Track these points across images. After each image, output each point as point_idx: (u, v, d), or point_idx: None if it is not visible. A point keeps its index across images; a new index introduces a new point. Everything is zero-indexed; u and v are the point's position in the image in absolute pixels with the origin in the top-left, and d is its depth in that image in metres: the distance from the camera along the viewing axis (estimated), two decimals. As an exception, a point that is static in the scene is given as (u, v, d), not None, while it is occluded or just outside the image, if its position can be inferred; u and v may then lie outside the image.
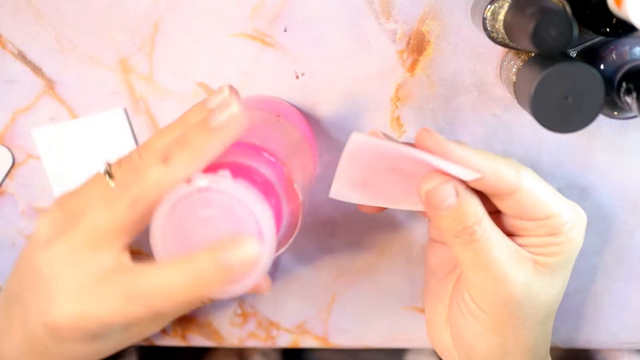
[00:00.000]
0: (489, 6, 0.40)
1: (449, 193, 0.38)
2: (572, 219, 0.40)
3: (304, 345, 0.54)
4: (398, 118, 0.48)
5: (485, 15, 0.40)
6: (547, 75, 0.36)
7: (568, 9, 0.38)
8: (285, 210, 0.37)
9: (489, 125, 0.48)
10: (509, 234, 0.40)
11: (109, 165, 0.36)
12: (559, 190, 0.49)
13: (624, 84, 0.38)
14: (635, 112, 0.37)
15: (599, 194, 0.49)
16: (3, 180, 0.52)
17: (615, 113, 0.41)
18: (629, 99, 0.37)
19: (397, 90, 0.47)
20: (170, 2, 0.46)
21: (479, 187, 0.39)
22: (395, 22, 0.46)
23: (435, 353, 0.59)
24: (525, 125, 0.47)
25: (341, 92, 0.48)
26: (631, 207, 0.49)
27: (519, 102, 0.40)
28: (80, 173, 0.51)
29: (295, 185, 0.38)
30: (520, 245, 0.40)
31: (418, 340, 0.54)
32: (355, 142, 0.37)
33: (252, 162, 0.37)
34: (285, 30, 0.47)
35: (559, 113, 0.37)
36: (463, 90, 0.47)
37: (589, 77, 0.36)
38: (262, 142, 0.38)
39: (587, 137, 0.48)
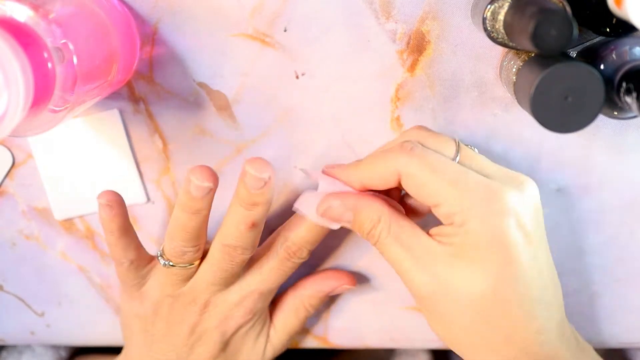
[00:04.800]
0: (489, 6, 0.40)
1: (339, 211, 0.42)
2: (463, 210, 0.38)
3: (304, 345, 0.55)
4: (398, 118, 0.48)
5: (485, 15, 0.40)
6: (547, 75, 0.36)
7: (568, 9, 0.38)
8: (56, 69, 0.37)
9: (489, 125, 0.48)
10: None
11: None
12: (559, 190, 0.49)
13: (624, 84, 0.37)
14: (635, 112, 0.37)
15: (599, 194, 0.49)
16: (3, 180, 0.52)
17: (615, 113, 0.41)
18: (629, 99, 0.37)
19: (397, 90, 0.47)
20: (170, 2, 0.46)
21: (373, 187, 0.41)
22: (395, 22, 0.46)
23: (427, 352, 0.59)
24: (525, 125, 0.47)
25: (341, 92, 0.48)
26: (631, 207, 0.49)
27: (519, 102, 0.40)
28: (74, 173, 0.51)
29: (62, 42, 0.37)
30: (433, 235, 0.40)
31: (418, 340, 0.54)
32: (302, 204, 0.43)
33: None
34: (285, 30, 0.47)
35: (559, 113, 0.37)
36: (463, 90, 0.47)
37: (589, 77, 0.36)
38: None
39: (587, 137, 0.48)
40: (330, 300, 0.53)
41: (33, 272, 0.54)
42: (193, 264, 0.46)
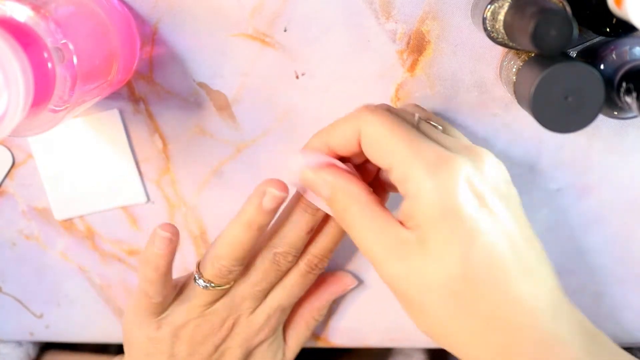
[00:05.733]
0: (489, 6, 0.40)
1: (317, 184, 0.41)
2: (415, 177, 0.36)
3: (304, 345, 0.54)
4: (398, 118, 0.48)
5: (485, 15, 0.40)
6: (547, 75, 0.36)
7: (568, 9, 0.38)
8: (56, 68, 0.37)
9: (489, 125, 0.48)
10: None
11: None
12: (558, 190, 0.49)
13: (624, 84, 0.37)
14: (635, 112, 0.37)
15: (599, 194, 0.49)
16: (3, 180, 0.52)
17: (615, 113, 0.41)
18: (629, 99, 0.37)
19: (397, 90, 0.47)
20: (170, 2, 0.46)
21: (339, 151, 0.41)
22: (395, 22, 0.46)
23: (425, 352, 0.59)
24: (525, 125, 0.47)
25: (341, 92, 0.48)
26: (631, 207, 0.49)
27: (519, 102, 0.40)
28: (74, 173, 0.51)
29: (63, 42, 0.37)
30: (403, 222, 0.38)
31: (418, 340, 0.54)
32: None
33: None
34: (285, 30, 0.47)
35: (559, 113, 0.37)
36: (463, 90, 0.47)
37: (589, 77, 0.36)
38: None
39: (587, 137, 0.48)
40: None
41: (33, 272, 0.54)
42: (230, 284, 0.46)
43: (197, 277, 0.45)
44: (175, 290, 0.47)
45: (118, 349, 0.51)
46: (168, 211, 0.52)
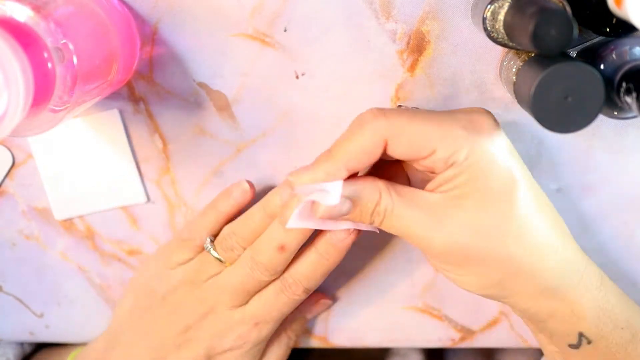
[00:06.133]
0: (489, 6, 0.40)
1: (338, 206, 0.40)
2: (463, 145, 0.39)
3: (304, 345, 0.54)
4: (398, 118, 0.48)
5: (485, 15, 0.40)
6: (547, 75, 0.36)
7: (568, 9, 0.38)
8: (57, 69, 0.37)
9: (489, 125, 0.48)
10: (425, 180, 0.42)
11: None
12: (559, 190, 0.49)
13: (624, 84, 0.38)
14: (635, 112, 0.37)
15: (599, 194, 0.49)
16: (3, 180, 0.52)
17: (615, 113, 0.41)
18: (629, 99, 0.37)
19: (397, 90, 0.47)
20: (170, 2, 0.46)
21: (359, 167, 0.41)
22: (395, 22, 0.46)
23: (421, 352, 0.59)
24: (525, 125, 0.47)
25: (341, 92, 0.48)
26: (631, 207, 0.49)
27: (519, 102, 0.41)
28: (74, 173, 0.51)
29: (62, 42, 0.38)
30: (432, 190, 0.40)
31: (418, 340, 0.54)
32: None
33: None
34: (285, 30, 0.47)
35: (559, 113, 0.37)
36: (463, 90, 0.47)
37: (589, 77, 0.36)
38: None
39: (587, 137, 0.48)
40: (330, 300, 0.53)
41: (33, 272, 0.54)
42: (225, 265, 0.47)
43: (209, 239, 0.48)
44: (200, 249, 0.49)
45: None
46: (168, 211, 0.52)
